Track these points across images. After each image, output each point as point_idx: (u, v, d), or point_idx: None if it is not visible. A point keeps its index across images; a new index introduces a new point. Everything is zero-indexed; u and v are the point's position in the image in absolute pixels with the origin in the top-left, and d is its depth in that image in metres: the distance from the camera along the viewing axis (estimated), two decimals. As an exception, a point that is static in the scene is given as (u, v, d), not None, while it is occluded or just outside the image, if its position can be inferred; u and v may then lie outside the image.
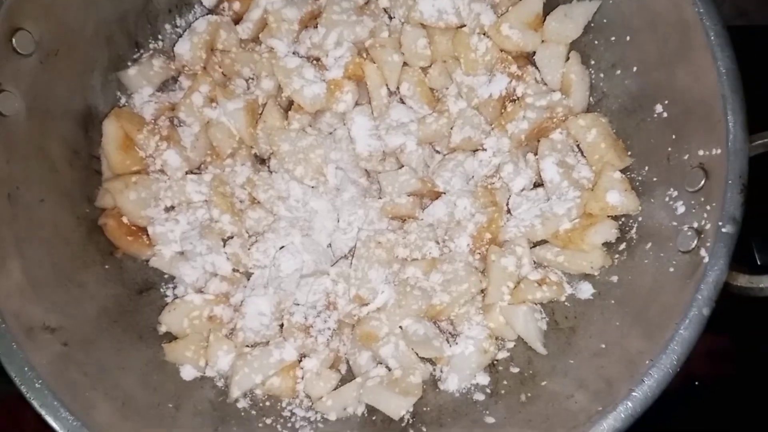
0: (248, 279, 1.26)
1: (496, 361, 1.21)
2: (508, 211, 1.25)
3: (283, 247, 1.24)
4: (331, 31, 1.29)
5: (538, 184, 1.26)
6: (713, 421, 1.34)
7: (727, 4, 1.57)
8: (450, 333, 1.23)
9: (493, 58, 1.27)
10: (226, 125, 1.29)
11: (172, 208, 1.28)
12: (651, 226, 1.12)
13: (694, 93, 1.03)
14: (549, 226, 1.20)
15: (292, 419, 1.18)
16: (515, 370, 1.18)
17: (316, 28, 1.31)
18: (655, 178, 1.13)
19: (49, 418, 0.95)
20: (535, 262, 1.24)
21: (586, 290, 1.19)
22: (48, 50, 1.13)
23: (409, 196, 1.25)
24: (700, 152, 1.01)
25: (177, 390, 1.16)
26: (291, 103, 1.31)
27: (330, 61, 1.30)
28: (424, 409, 1.17)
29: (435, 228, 1.24)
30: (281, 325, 1.21)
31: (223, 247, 1.24)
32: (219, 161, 1.30)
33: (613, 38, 1.22)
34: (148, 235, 1.26)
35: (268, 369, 1.16)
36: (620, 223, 1.18)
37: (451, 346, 1.20)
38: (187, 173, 1.28)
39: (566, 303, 1.21)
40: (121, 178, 1.25)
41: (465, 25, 1.27)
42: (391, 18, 1.34)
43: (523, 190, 1.25)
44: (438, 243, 1.23)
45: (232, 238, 1.25)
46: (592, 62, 1.27)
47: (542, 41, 1.27)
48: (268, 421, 1.17)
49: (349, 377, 1.22)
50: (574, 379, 1.07)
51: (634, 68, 1.19)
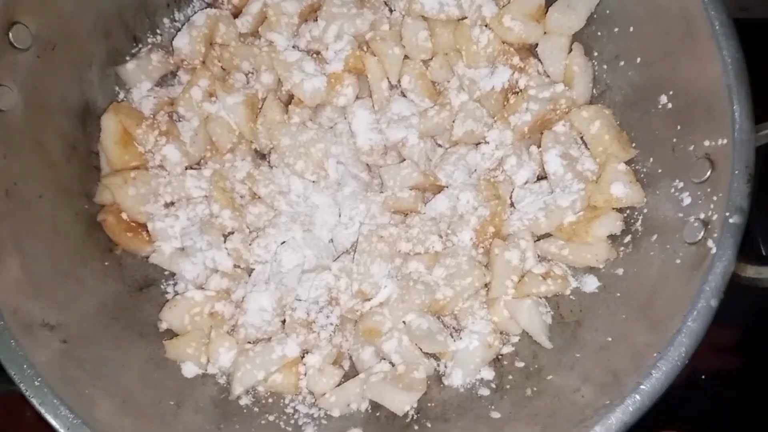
0: (249, 275, 1.25)
1: (500, 356, 1.20)
2: (512, 205, 1.25)
3: (284, 242, 1.23)
4: (331, 24, 1.28)
5: (542, 177, 1.25)
6: (719, 415, 1.33)
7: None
8: (454, 328, 1.23)
9: (495, 50, 1.27)
10: (225, 120, 1.28)
11: (172, 203, 1.27)
12: (656, 218, 1.11)
13: (699, 83, 1.03)
14: (553, 219, 1.19)
15: (295, 416, 1.17)
16: (520, 365, 1.17)
17: (316, 21, 1.31)
18: (660, 170, 1.12)
19: (48, 416, 0.93)
20: (539, 256, 1.23)
21: (591, 283, 1.18)
22: (45, 44, 1.12)
23: (411, 190, 1.24)
24: (706, 143, 1.00)
25: (178, 387, 1.15)
26: (291, 97, 1.31)
27: (330, 54, 1.29)
28: (429, 404, 1.17)
29: (438, 222, 1.23)
30: (283, 321, 1.21)
31: (224, 242, 1.24)
32: (219, 156, 1.30)
33: (616, 29, 1.21)
34: (147, 231, 1.25)
35: (270, 365, 1.16)
36: (625, 215, 1.17)
37: (455, 340, 1.19)
38: (186, 168, 1.28)
39: (571, 296, 1.20)
40: (120, 173, 1.24)
41: (466, 17, 1.27)
42: (391, 10, 1.33)
43: (526, 183, 1.25)
44: (441, 237, 1.22)
45: (233, 233, 1.25)
46: (595, 54, 1.26)
47: (544, 33, 1.26)
48: (271, 418, 1.16)
49: (352, 373, 1.21)
50: (581, 373, 1.06)
51: (638, 59, 1.18)
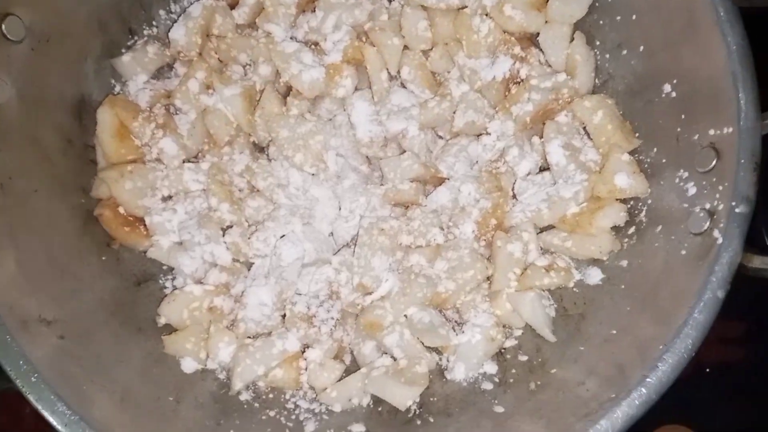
0: (248, 269, 1.25)
1: (503, 350, 1.19)
2: (514, 196, 1.24)
3: (283, 235, 1.22)
4: (329, 14, 1.27)
5: (544, 168, 1.24)
6: (724, 408, 1.32)
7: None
8: (456, 321, 1.21)
9: (496, 40, 1.25)
10: (223, 112, 1.27)
11: (170, 197, 1.26)
12: (661, 209, 1.09)
13: (703, 71, 1.01)
14: (556, 210, 1.18)
15: (296, 411, 1.16)
16: (524, 359, 1.16)
17: (314, 11, 1.30)
18: (664, 160, 1.11)
19: (46, 413, 0.93)
20: (542, 248, 1.22)
21: (595, 275, 1.16)
22: (39, 36, 1.11)
23: (411, 182, 1.23)
24: (711, 132, 0.99)
25: (177, 383, 1.14)
26: (289, 89, 1.30)
27: (329, 45, 1.28)
28: (431, 399, 1.16)
29: (439, 214, 1.22)
30: (283, 316, 1.20)
31: (223, 236, 1.23)
32: (217, 149, 1.29)
33: (618, 17, 1.19)
34: (145, 226, 1.24)
35: (270, 360, 1.15)
36: (629, 206, 1.16)
37: (457, 334, 1.18)
38: (184, 162, 1.27)
39: (575, 289, 1.19)
40: (117, 167, 1.23)
41: (466, 6, 1.26)
42: (390, 0, 1.32)
43: (528, 174, 1.23)
44: (442, 229, 1.21)
45: (232, 227, 1.24)
46: (597, 43, 1.25)
47: (546, 22, 1.25)
48: (272, 414, 1.15)
49: (353, 368, 1.21)
50: (585, 366, 1.05)
51: (641, 48, 1.16)
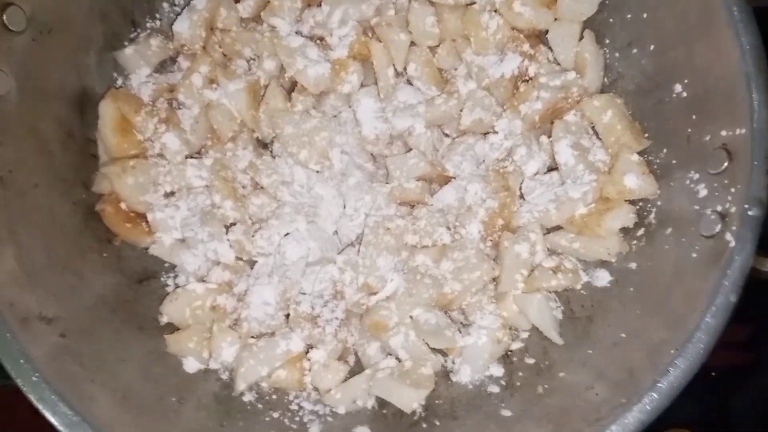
0: (252, 267, 1.23)
1: (510, 352, 1.18)
2: (521, 196, 1.23)
3: (287, 234, 1.21)
4: (335, 9, 1.26)
5: (552, 168, 1.23)
6: (730, 412, 1.31)
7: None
8: (462, 323, 1.21)
9: (505, 37, 1.24)
10: (227, 107, 1.25)
11: (172, 193, 1.25)
12: (671, 211, 1.09)
13: (715, 71, 1.00)
14: (564, 211, 1.16)
15: (300, 413, 1.16)
16: (530, 361, 1.15)
17: (320, 6, 1.28)
18: (674, 161, 1.10)
19: (46, 412, 0.92)
20: (549, 249, 1.21)
21: (603, 278, 1.16)
22: (41, 27, 1.10)
23: (417, 180, 1.22)
24: (723, 132, 0.98)
25: (180, 383, 1.13)
26: (294, 84, 1.28)
27: (334, 40, 1.27)
28: (437, 401, 1.15)
29: (445, 214, 1.21)
30: (287, 315, 1.19)
31: (226, 234, 1.21)
32: (220, 145, 1.27)
33: (629, 16, 1.19)
34: (147, 222, 1.23)
35: (274, 360, 1.14)
36: (638, 207, 1.15)
37: (463, 336, 1.17)
38: (187, 157, 1.25)
39: (582, 291, 1.18)
40: (119, 162, 1.21)
41: (475, 2, 1.25)
42: (397, -5, 1.30)
43: (536, 174, 1.22)
44: (449, 229, 1.20)
45: (235, 224, 1.22)
46: (607, 41, 1.24)
47: (555, 19, 1.24)
48: (275, 415, 1.14)
49: (358, 369, 1.20)
50: (594, 370, 1.04)
51: (651, 47, 1.15)
